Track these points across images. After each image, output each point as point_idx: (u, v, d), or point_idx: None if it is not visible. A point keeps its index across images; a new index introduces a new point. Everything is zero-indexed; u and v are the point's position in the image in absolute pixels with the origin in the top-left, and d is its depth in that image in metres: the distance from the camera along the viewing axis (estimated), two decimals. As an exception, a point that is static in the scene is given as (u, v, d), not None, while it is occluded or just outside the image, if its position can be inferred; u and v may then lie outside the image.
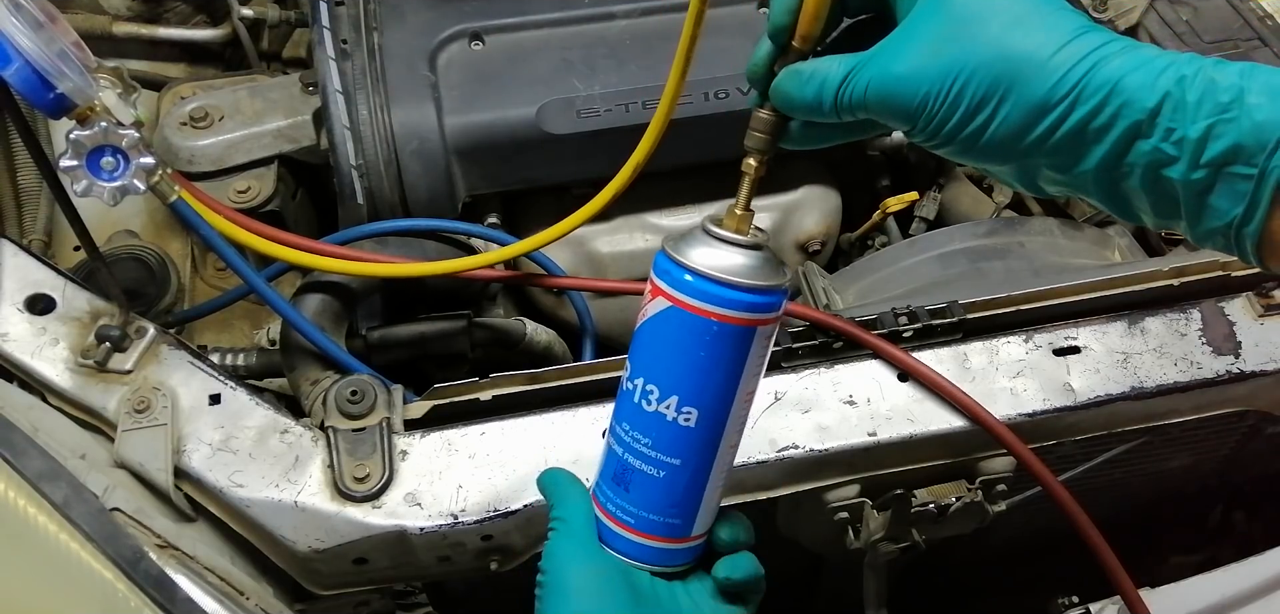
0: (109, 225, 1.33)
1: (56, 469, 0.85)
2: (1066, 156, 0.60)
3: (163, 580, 0.83)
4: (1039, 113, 0.59)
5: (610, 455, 0.74)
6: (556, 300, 1.27)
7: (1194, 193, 0.57)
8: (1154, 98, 0.57)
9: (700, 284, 0.67)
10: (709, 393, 0.69)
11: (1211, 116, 0.56)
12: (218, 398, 0.95)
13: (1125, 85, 0.57)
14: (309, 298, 1.09)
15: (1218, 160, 0.56)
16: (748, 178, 0.69)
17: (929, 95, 0.61)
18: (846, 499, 0.99)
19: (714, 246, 0.67)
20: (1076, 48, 0.58)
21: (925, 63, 0.61)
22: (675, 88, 0.79)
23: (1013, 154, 0.62)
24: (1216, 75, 0.56)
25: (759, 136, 0.70)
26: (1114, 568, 0.95)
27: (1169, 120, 0.57)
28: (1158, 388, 1.02)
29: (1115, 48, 0.59)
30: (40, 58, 0.80)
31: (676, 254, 0.68)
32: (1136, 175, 0.59)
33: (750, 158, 0.70)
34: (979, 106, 0.60)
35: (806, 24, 0.65)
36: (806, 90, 0.66)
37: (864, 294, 1.22)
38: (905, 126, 0.64)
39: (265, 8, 1.52)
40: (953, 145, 0.63)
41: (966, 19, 0.60)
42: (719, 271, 0.66)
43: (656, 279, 0.69)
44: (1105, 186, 0.61)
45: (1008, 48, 0.59)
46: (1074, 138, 0.59)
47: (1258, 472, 1.24)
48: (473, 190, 1.20)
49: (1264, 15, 1.34)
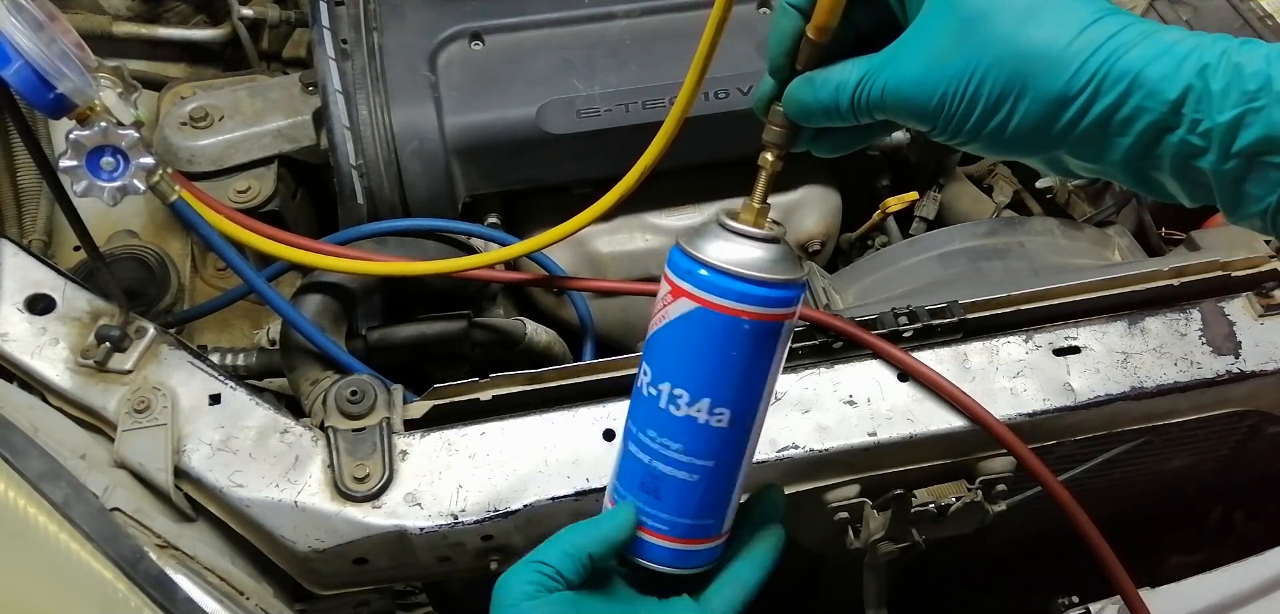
0: (109, 225, 1.33)
1: (56, 469, 0.85)
2: (1093, 147, 0.59)
3: (163, 580, 0.83)
4: (1058, 106, 0.57)
5: (633, 464, 0.72)
6: (556, 300, 1.27)
7: (1227, 182, 0.56)
8: (1176, 89, 0.55)
9: (730, 283, 0.65)
10: (742, 392, 0.68)
11: (1239, 106, 0.54)
12: (218, 398, 0.95)
13: (1147, 76, 0.55)
14: (309, 298, 1.09)
15: (1249, 150, 0.54)
16: (765, 173, 0.68)
17: (945, 96, 0.60)
18: (846, 499, 0.99)
19: (737, 242, 0.66)
20: (1093, 36, 0.56)
21: (939, 64, 0.60)
22: (691, 92, 0.78)
23: (1037, 146, 0.60)
24: (1243, 59, 0.54)
25: (777, 131, 0.69)
26: (1114, 568, 0.95)
27: (1194, 111, 0.55)
28: (1158, 388, 1.02)
29: (1134, 34, 0.56)
30: (40, 58, 0.80)
31: (699, 253, 0.66)
32: (1166, 165, 0.57)
33: (768, 152, 0.69)
34: (997, 105, 0.59)
35: (823, 16, 0.64)
36: (822, 94, 0.65)
37: (864, 294, 1.22)
38: (924, 127, 0.63)
39: (265, 8, 1.52)
40: (976, 142, 0.62)
41: (977, 16, 0.59)
42: (748, 269, 0.65)
43: (678, 280, 0.67)
44: (1134, 174, 0.59)
45: (1020, 42, 0.58)
46: (1098, 129, 0.57)
47: (1258, 472, 1.24)
48: (473, 190, 1.20)
49: (1264, 15, 1.34)
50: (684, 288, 0.66)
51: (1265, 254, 1.09)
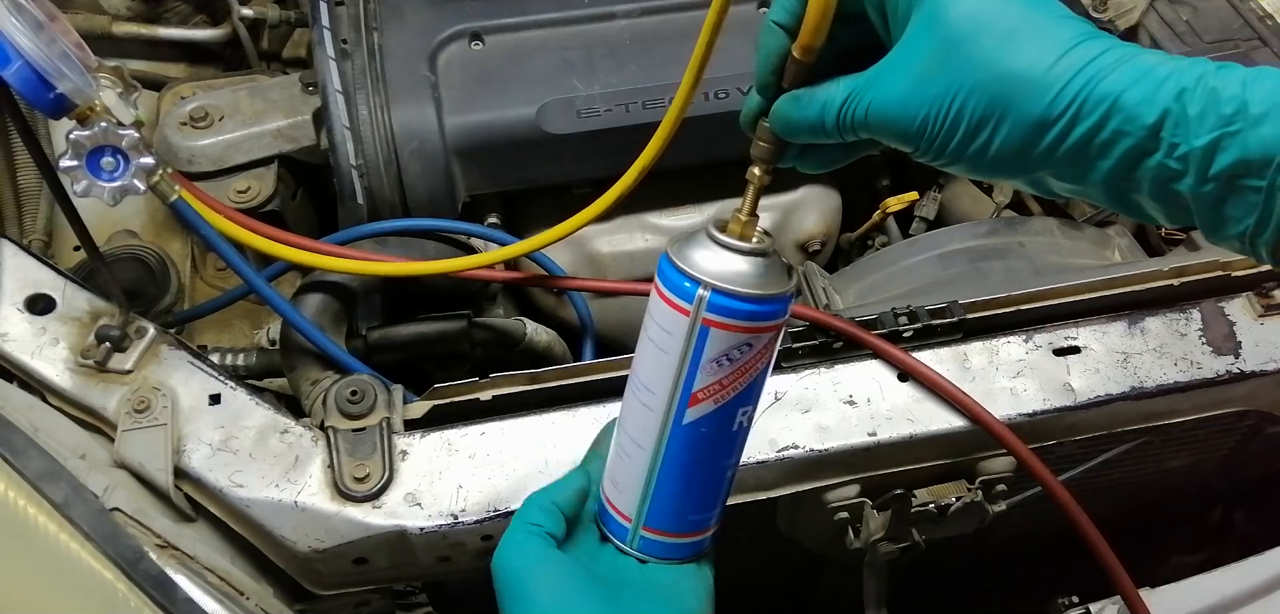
0: (109, 225, 1.33)
1: (56, 469, 0.85)
2: (1074, 170, 0.59)
3: (163, 580, 0.83)
4: (1039, 130, 0.58)
5: None
6: (556, 300, 1.27)
7: (1206, 204, 0.56)
8: (1154, 113, 0.55)
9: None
10: None
11: (1215, 130, 0.54)
12: (218, 398, 0.95)
13: (1125, 101, 0.56)
14: (309, 298, 1.09)
15: (1226, 174, 0.54)
16: (753, 187, 0.69)
17: (928, 118, 0.60)
18: (846, 499, 0.99)
19: (724, 254, 0.67)
20: (1072, 60, 0.57)
21: (921, 85, 0.60)
22: (688, 91, 0.79)
23: (1019, 169, 0.61)
24: (1218, 84, 0.55)
25: (763, 147, 0.69)
26: (1114, 568, 0.95)
27: (1172, 136, 0.55)
28: (1158, 388, 1.02)
29: (1113, 59, 0.57)
30: (40, 58, 0.80)
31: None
32: (1145, 187, 0.58)
33: (755, 167, 0.69)
34: (978, 128, 0.59)
35: (809, 36, 0.64)
36: (808, 112, 0.65)
37: (864, 294, 1.22)
38: (907, 148, 0.63)
39: (265, 8, 1.52)
40: (958, 164, 0.62)
41: (958, 39, 0.59)
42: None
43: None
44: (1115, 196, 0.60)
45: (1001, 67, 0.58)
46: (1078, 153, 0.58)
47: (1258, 472, 1.24)
48: (473, 190, 1.20)
49: (1264, 15, 1.34)
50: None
51: (1265, 254, 1.09)
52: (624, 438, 0.73)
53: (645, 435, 0.71)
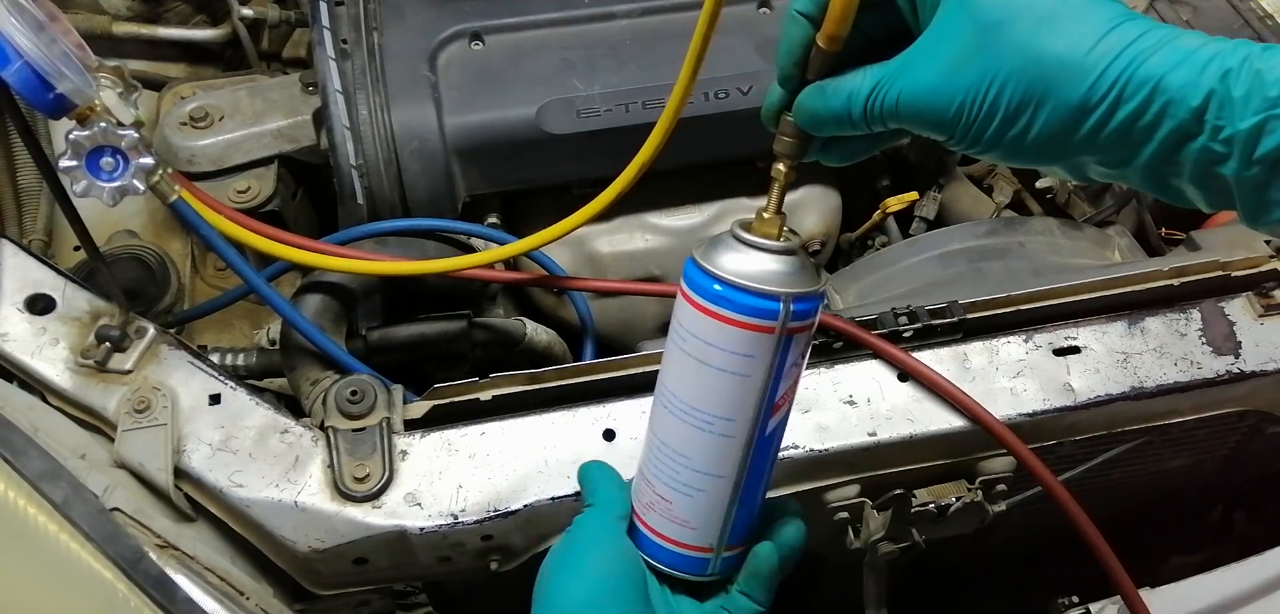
0: (109, 225, 1.34)
1: (56, 469, 0.85)
2: (1115, 154, 0.58)
3: (163, 580, 0.83)
4: (1080, 114, 0.57)
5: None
6: (556, 300, 1.27)
7: (1249, 188, 0.55)
8: (1199, 95, 0.54)
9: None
10: None
11: (1260, 112, 0.53)
12: (218, 398, 0.95)
13: (1168, 83, 0.55)
14: (309, 298, 1.09)
15: (1271, 156, 0.53)
16: (778, 183, 0.68)
17: (964, 105, 0.59)
18: (846, 499, 0.99)
19: (750, 253, 0.66)
20: (1112, 43, 0.56)
21: (956, 72, 0.59)
22: (684, 90, 0.79)
23: (1059, 154, 0.60)
24: (1264, 66, 0.54)
25: (787, 141, 0.68)
26: (1114, 568, 0.95)
27: (1216, 118, 0.54)
28: (1158, 388, 1.02)
29: (1154, 40, 0.56)
30: (40, 58, 0.80)
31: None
32: (1187, 171, 0.57)
33: (779, 163, 0.68)
34: (1017, 113, 0.58)
35: (835, 25, 0.63)
36: (834, 103, 0.64)
37: (864, 294, 1.22)
38: (942, 136, 0.62)
39: (265, 8, 1.52)
40: (996, 150, 0.61)
41: (994, 23, 0.58)
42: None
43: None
44: (1155, 181, 0.59)
45: (1038, 51, 0.57)
46: (1120, 137, 0.57)
47: (1258, 472, 1.24)
48: (473, 190, 1.20)
49: (1264, 15, 1.34)
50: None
51: (1265, 254, 1.09)
52: (690, 476, 0.71)
53: (726, 464, 0.70)
